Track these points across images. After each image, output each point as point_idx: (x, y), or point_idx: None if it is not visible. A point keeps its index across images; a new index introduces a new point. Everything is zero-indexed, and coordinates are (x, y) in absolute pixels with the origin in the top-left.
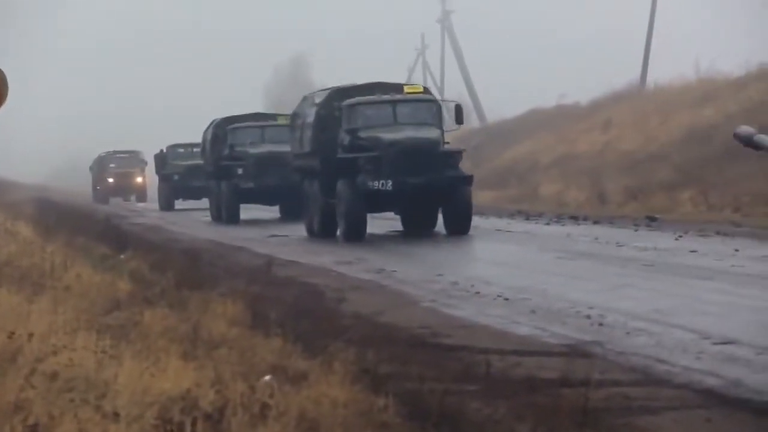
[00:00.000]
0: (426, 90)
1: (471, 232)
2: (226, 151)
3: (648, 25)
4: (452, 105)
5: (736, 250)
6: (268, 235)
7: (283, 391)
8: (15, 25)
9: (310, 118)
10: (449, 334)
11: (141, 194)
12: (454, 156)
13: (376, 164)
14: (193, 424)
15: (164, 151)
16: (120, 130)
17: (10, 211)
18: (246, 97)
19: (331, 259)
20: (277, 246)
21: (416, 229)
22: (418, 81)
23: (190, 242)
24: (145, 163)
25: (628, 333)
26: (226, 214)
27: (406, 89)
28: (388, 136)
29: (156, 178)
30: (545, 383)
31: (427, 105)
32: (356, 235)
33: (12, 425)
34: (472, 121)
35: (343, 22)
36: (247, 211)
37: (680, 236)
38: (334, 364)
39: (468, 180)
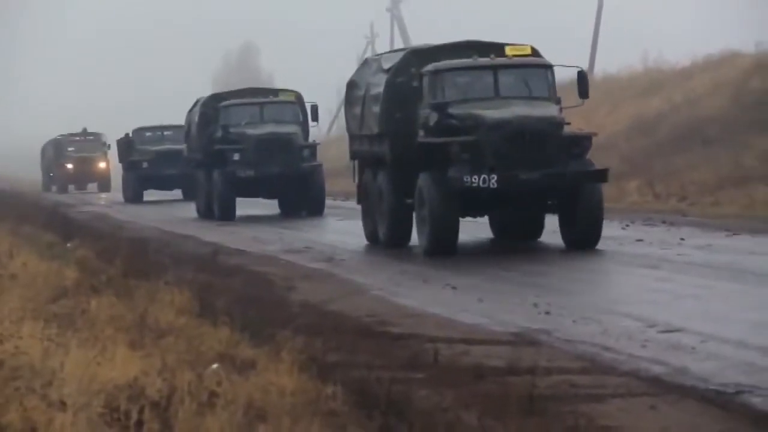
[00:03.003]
0: (535, 51)
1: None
2: (219, 134)
3: (596, 14)
4: (570, 72)
5: (682, 239)
6: (216, 223)
7: (230, 380)
8: None
9: (378, 89)
10: (397, 322)
11: (104, 183)
12: (581, 142)
13: (475, 152)
14: (140, 412)
15: (130, 135)
16: (66, 120)
17: None
18: (195, 85)
19: (279, 248)
20: (225, 234)
21: (515, 238)
22: None
23: (138, 230)
24: (108, 147)
25: (574, 321)
26: (219, 210)
27: (509, 50)
28: (490, 113)
29: (119, 167)
30: (492, 371)
31: (539, 72)
32: (445, 247)
33: None
34: None
35: (293, 10)
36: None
37: (627, 225)
38: (281, 353)
39: (601, 175)
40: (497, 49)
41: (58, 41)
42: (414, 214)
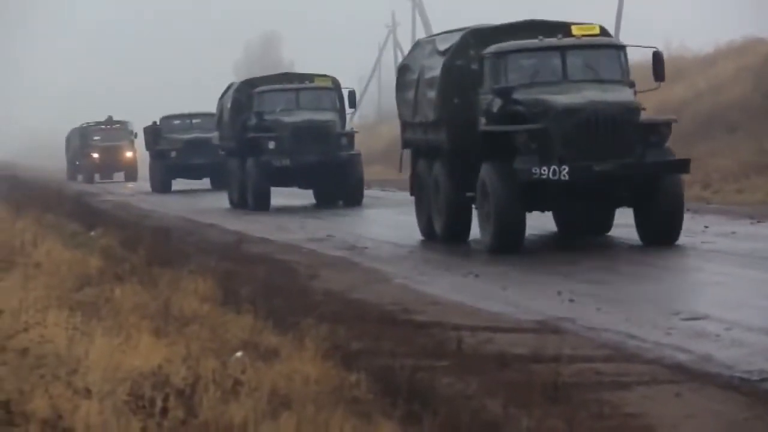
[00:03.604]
0: (603, 30)
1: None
2: (253, 121)
3: (618, 2)
4: (644, 52)
5: (706, 227)
6: (240, 212)
7: (254, 367)
8: None
9: (433, 73)
10: (421, 310)
11: (131, 172)
12: (660, 129)
13: (544, 141)
14: (165, 400)
15: (157, 123)
16: (85, 110)
17: None
18: (216, 74)
19: (303, 236)
20: (248, 223)
21: (581, 234)
22: (389, 61)
23: (161, 219)
24: (135, 136)
25: (598, 309)
26: (253, 199)
27: (575, 30)
28: (560, 99)
29: (146, 155)
30: (517, 359)
31: (611, 53)
32: (511, 244)
33: None
34: None
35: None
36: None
37: None
38: (305, 341)
39: (682, 165)
40: (562, 28)
41: (74, 30)
42: (473, 208)
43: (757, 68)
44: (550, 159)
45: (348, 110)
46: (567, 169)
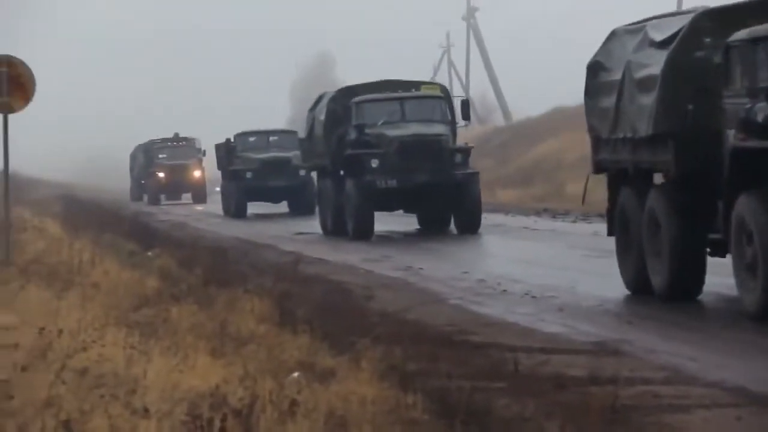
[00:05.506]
0: None
1: (494, 228)
2: (352, 135)
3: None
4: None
5: None
6: (294, 232)
7: (311, 388)
8: (34, 17)
9: (650, 70)
10: (477, 331)
11: (199, 193)
12: None
13: None
14: (223, 420)
15: (232, 141)
16: (145, 128)
17: (37, 208)
18: (271, 96)
19: (358, 257)
20: (304, 244)
21: None
22: (443, 80)
23: (217, 239)
24: (204, 154)
25: (658, 330)
26: (354, 226)
27: None
28: None
29: (217, 175)
30: (574, 381)
31: None
32: None
33: (44, 420)
34: (496, 118)
35: (368, 20)
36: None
37: None
38: (361, 362)
39: None
40: None
41: (133, 50)
42: (708, 252)
43: None
44: None
45: (461, 122)
46: None
